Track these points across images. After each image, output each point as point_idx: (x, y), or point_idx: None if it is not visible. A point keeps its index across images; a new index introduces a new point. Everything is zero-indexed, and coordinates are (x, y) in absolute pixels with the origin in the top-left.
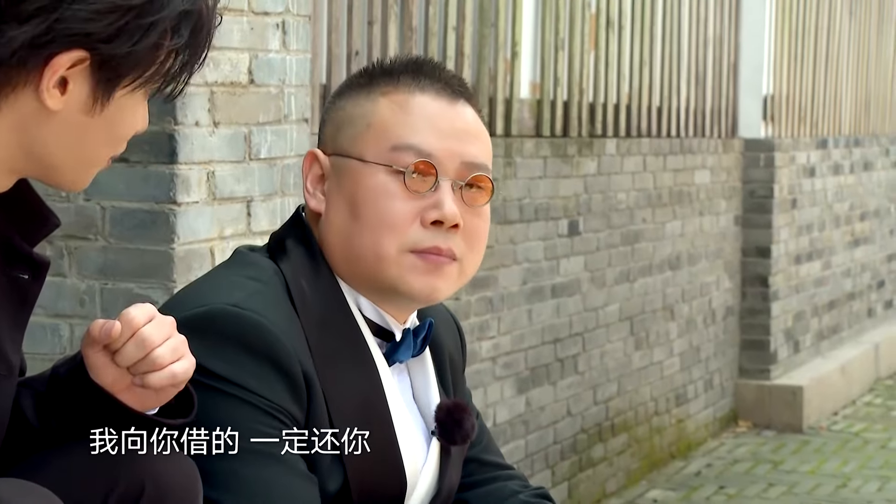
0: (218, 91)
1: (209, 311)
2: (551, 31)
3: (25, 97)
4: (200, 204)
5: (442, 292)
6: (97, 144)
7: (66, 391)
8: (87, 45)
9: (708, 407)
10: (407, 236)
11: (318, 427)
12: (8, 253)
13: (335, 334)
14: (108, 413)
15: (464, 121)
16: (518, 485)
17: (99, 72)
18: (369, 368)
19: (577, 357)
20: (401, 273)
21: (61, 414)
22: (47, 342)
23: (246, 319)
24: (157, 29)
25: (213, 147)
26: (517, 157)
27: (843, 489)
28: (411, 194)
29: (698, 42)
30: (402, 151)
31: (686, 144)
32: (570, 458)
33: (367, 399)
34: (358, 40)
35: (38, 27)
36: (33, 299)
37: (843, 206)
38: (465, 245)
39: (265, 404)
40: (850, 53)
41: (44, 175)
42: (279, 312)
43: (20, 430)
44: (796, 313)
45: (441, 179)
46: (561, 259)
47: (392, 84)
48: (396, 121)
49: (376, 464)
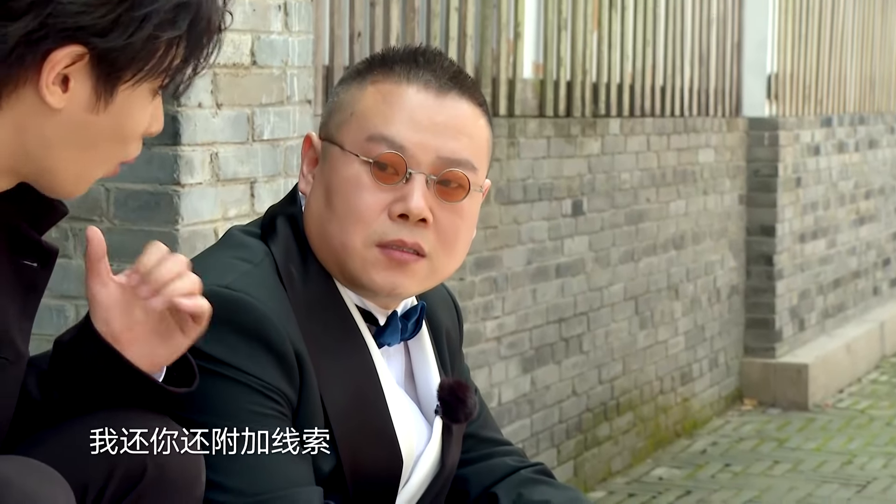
0: (220, 73)
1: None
2: (554, 11)
3: (27, 96)
4: (204, 185)
5: (406, 289)
6: (103, 144)
7: (69, 357)
8: (82, 39)
9: (713, 385)
10: (373, 229)
11: (310, 407)
12: (16, 241)
13: (325, 317)
14: (111, 377)
15: (447, 115)
16: (516, 460)
17: (98, 67)
18: (361, 351)
19: (581, 336)
20: (364, 266)
21: (64, 383)
22: (52, 323)
23: (237, 301)
24: (152, 20)
25: (216, 128)
26: (521, 137)
27: (848, 466)
28: (381, 186)
29: (702, 21)
30: (375, 142)
31: (690, 124)
32: (575, 437)
33: (360, 381)
34: (360, 21)
35: (31, 22)
36: (42, 287)
37: (848, 184)
38: (437, 241)
39: (258, 384)
40: (855, 31)
41: (40, 178)
42: (270, 294)
43: (23, 406)
44: (801, 292)
45: (414, 173)
46: (565, 239)
47: (384, 73)
48: (376, 111)
49: (370, 444)
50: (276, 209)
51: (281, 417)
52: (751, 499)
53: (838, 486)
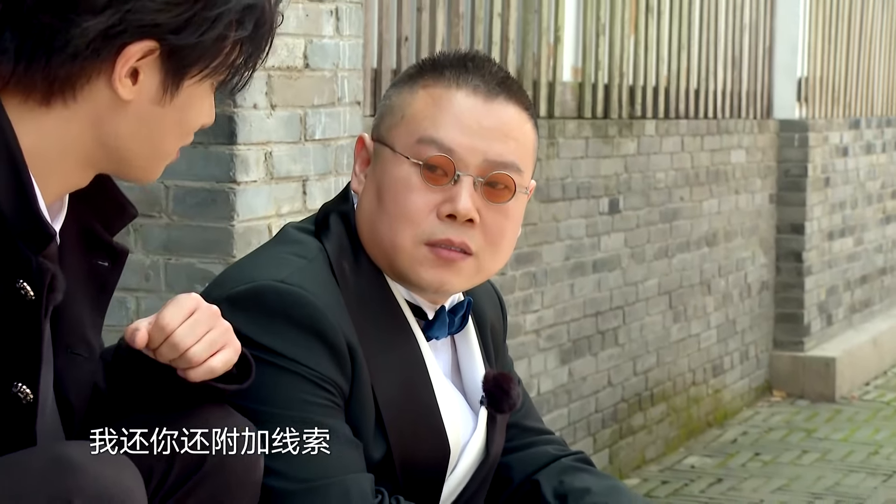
0: (275, 75)
1: (255, 287)
2: (592, 16)
3: (100, 88)
4: (258, 183)
5: (453, 286)
6: (168, 134)
7: (128, 366)
8: (157, 35)
9: (744, 377)
10: (422, 228)
11: (361, 397)
12: (89, 241)
13: (376, 310)
14: (167, 383)
15: (495, 119)
16: (558, 449)
17: (168, 62)
18: (410, 344)
19: (617, 330)
20: (413, 264)
21: (126, 384)
22: (115, 314)
23: (291, 294)
24: (223, 21)
25: (270, 129)
26: (560, 137)
27: (874, 456)
28: (430, 187)
29: (735, 26)
30: (425, 145)
31: (723, 125)
32: (610, 427)
33: (409, 372)
34: (407, 26)
35: (111, 18)
36: (112, 285)
37: (875, 184)
38: (484, 241)
39: (312, 374)
40: (883, 36)
41: (117, 168)
42: (323, 288)
43: (93, 398)
44: (829, 287)
45: (462, 174)
46: (602, 236)
47: (435, 78)
48: (427, 114)
49: (419, 433)
50: (330, 207)
51: (333, 407)
52: (780, 487)
53: (865, 475)
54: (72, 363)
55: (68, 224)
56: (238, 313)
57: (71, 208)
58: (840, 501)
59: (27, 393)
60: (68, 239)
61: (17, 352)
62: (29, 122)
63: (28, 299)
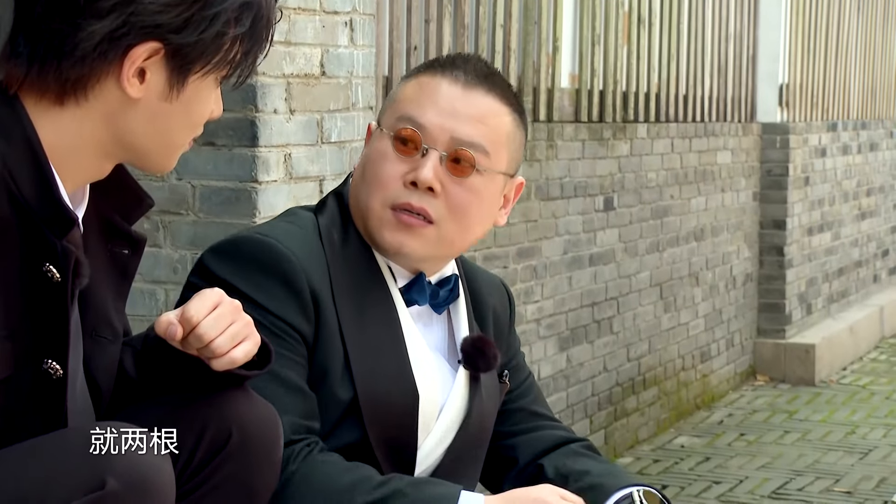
0: (294, 82)
1: (235, 238)
2: (588, 27)
3: (109, 88)
4: (279, 182)
5: (412, 250)
6: (177, 128)
7: (156, 354)
8: (160, 35)
9: (729, 363)
10: (389, 192)
11: (328, 342)
12: (110, 231)
13: (356, 271)
14: (192, 370)
15: (470, 105)
16: (564, 435)
17: (172, 60)
18: (385, 300)
19: (612, 319)
20: (379, 226)
21: (154, 371)
22: (145, 305)
23: (263, 243)
24: (221, 19)
25: (289, 132)
26: (558, 140)
27: (851, 436)
28: (401, 158)
29: (720, 36)
30: (403, 121)
31: (710, 128)
32: (606, 409)
33: (382, 323)
34: (416, 36)
35: (115, 21)
36: (133, 272)
37: (851, 183)
38: (447, 211)
39: (273, 323)
40: (858, 45)
41: (134, 159)
42: (302, 244)
43: (122, 383)
44: (809, 279)
45: (430, 148)
46: (598, 231)
47: (429, 72)
48: (412, 98)
49: (387, 375)
50: (333, 190)
51: (286, 355)
52: (763, 465)
53: (843, 453)
54: (98, 346)
55: (90, 215)
56: (217, 260)
57: (91, 201)
58: (819, 478)
59: (56, 368)
60: (91, 229)
61: (46, 332)
62: (45, 120)
63: (55, 282)
